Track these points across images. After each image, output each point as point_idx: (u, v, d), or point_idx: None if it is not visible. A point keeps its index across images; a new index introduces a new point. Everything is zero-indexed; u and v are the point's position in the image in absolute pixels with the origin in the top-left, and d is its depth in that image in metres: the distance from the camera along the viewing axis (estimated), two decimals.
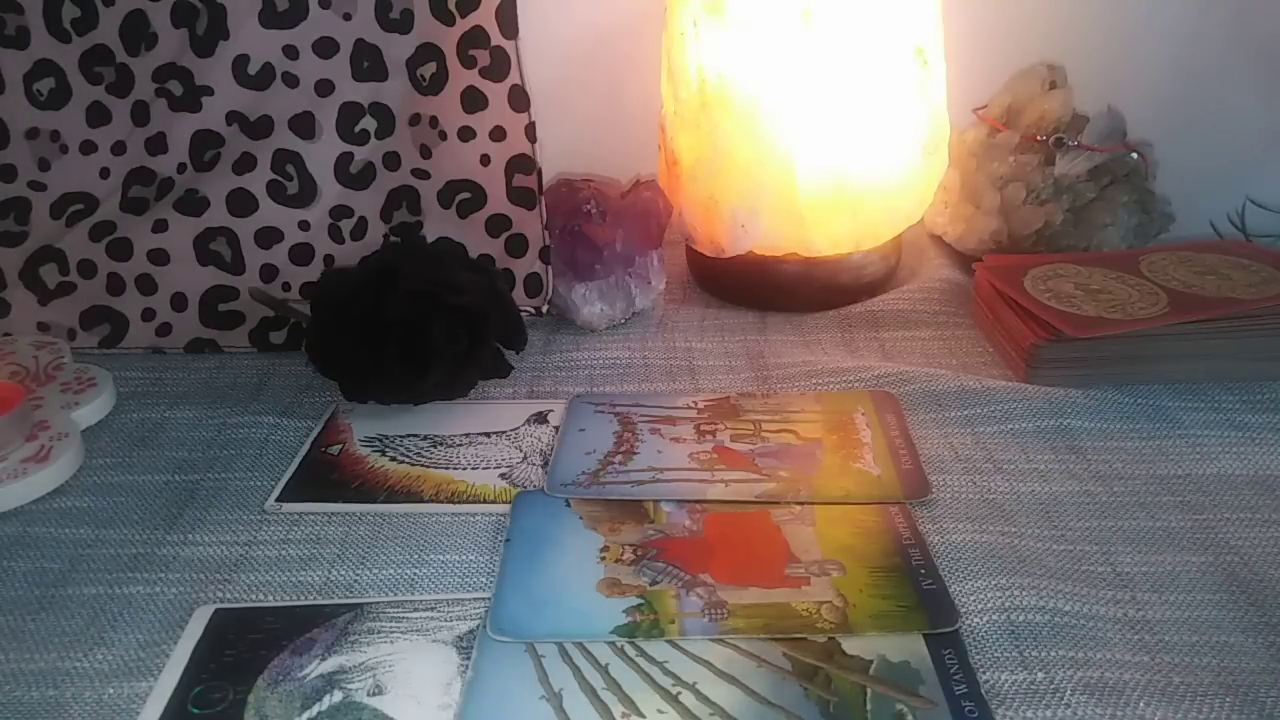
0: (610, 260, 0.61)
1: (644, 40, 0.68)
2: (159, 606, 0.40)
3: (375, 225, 0.61)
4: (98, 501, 0.47)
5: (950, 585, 0.40)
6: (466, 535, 0.44)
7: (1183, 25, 0.72)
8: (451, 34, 0.57)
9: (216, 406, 0.54)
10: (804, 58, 0.55)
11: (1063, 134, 0.65)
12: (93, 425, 0.52)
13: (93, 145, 0.58)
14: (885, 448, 0.49)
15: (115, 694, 0.36)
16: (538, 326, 0.62)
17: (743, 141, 0.58)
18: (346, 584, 0.41)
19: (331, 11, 0.57)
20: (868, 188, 0.59)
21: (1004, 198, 0.66)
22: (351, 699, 0.35)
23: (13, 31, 0.56)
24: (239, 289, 0.60)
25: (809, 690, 0.35)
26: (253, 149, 0.59)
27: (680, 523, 0.44)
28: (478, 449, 0.50)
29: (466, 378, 0.53)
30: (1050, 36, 0.71)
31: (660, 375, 0.57)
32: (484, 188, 0.60)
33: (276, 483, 0.47)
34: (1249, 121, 0.74)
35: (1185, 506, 0.45)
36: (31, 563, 0.43)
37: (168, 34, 0.57)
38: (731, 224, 0.60)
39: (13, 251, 0.59)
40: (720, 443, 0.50)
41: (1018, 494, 0.46)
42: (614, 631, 0.37)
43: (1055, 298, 0.56)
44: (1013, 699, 0.35)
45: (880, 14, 0.55)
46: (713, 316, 0.64)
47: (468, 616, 0.39)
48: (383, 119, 0.59)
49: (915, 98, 0.58)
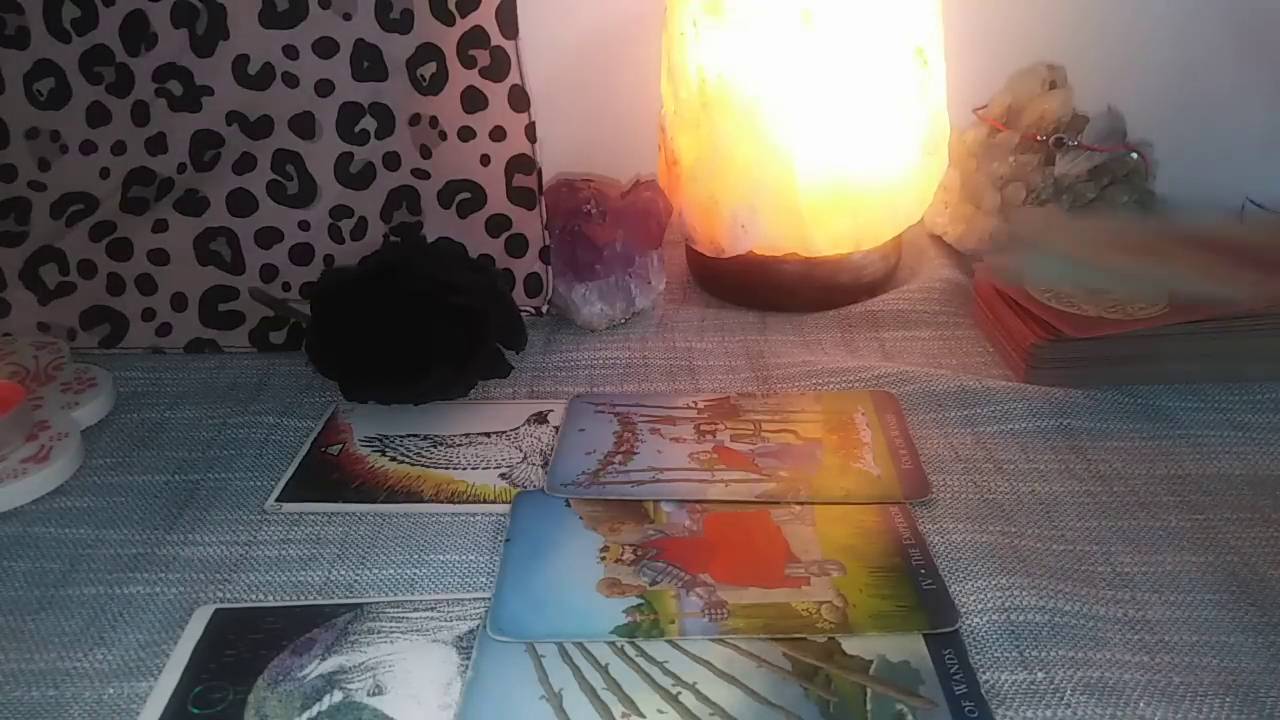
0: (610, 260, 0.61)
1: (644, 40, 0.68)
2: (159, 606, 0.40)
3: (375, 225, 0.61)
4: (98, 501, 0.47)
5: (950, 585, 0.40)
6: (466, 535, 0.44)
7: (1182, 25, 0.72)
8: (451, 34, 0.57)
9: (216, 406, 0.54)
10: (804, 58, 0.55)
11: (1063, 134, 0.65)
12: (93, 425, 0.52)
13: (93, 145, 0.58)
14: (885, 448, 0.49)
15: (115, 694, 0.36)
16: (538, 326, 0.62)
17: (743, 141, 0.58)
18: (346, 584, 0.41)
19: (331, 11, 0.57)
20: (868, 187, 0.59)
21: (1004, 198, 0.66)
22: (351, 699, 0.35)
23: (13, 31, 0.56)
24: (239, 289, 0.60)
25: (809, 690, 0.35)
26: (253, 149, 0.59)
27: (680, 523, 0.44)
28: (478, 449, 0.50)
29: (466, 378, 0.53)
30: (1050, 36, 0.71)
31: (660, 375, 0.57)
32: (484, 188, 0.60)
33: (276, 483, 0.47)
34: (1249, 122, 0.74)
35: (1185, 506, 0.45)
36: (31, 563, 0.43)
37: (168, 34, 0.57)
38: (731, 224, 0.60)
39: (13, 251, 0.59)
40: (720, 443, 0.50)
41: (1018, 494, 0.46)
42: (614, 631, 0.37)
43: (1055, 298, 0.56)
44: (1013, 699, 0.35)
45: (880, 14, 0.55)
46: (713, 316, 0.64)
47: (468, 616, 0.39)
48: (383, 119, 0.59)
49: (915, 98, 0.58)
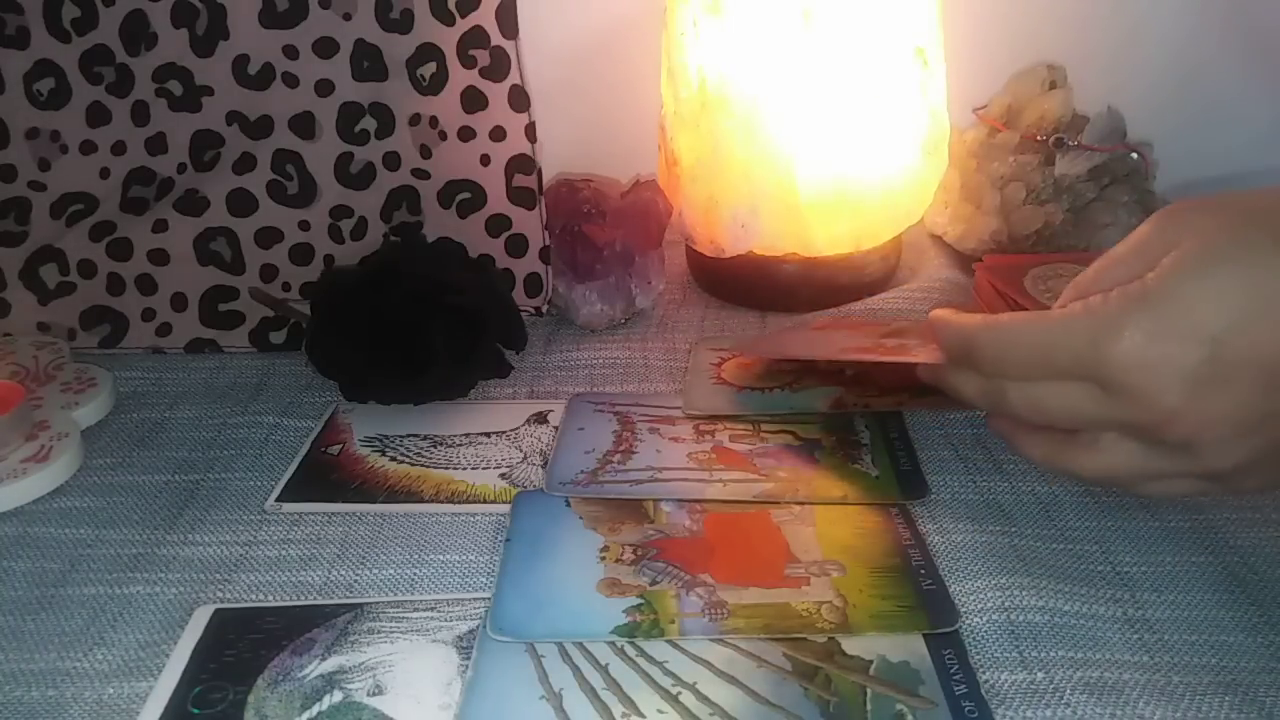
0: (610, 260, 0.61)
1: (644, 40, 0.67)
2: (159, 606, 0.40)
3: (375, 225, 0.61)
4: (98, 501, 0.47)
5: (950, 585, 0.40)
6: (466, 535, 0.44)
7: (1183, 25, 0.72)
8: (451, 34, 0.57)
9: (216, 406, 0.54)
10: (804, 58, 0.55)
11: (1063, 134, 0.65)
12: (93, 425, 0.52)
13: (93, 145, 0.58)
14: (884, 448, 0.49)
15: (115, 694, 0.36)
16: (538, 326, 0.62)
17: (743, 141, 0.58)
18: (346, 584, 0.41)
19: (331, 11, 0.57)
20: (868, 188, 0.59)
21: (1004, 198, 0.66)
22: (351, 699, 0.35)
23: (13, 31, 0.56)
24: (239, 289, 0.60)
25: (809, 690, 0.35)
26: (253, 149, 0.59)
27: (680, 523, 0.44)
28: (478, 449, 0.50)
29: (466, 378, 0.53)
30: (1050, 36, 0.71)
31: (660, 375, 0.57)
32: (484, 188, 0.60)
33: (276, 483, 0.47)
34: (1249, 122, 0.74)
35: (1186, 506, 0.45)
36: (31, 563, 0.43)
37: (168, 34, 0.57)
38: (731, 224, 0.60)
39: (13, 251, 0.59)
40: (719, 443, 0.50)
41: (1018, 494, 0.46)
42: (614, 631, 0.37)
43: (1055, 298, 0.55)
44: (1013, 699, 0.35)
45: (880, 14, 0.55)
46: (713, 316, 0.64)
47: (468, 616, 0.39)
48: (383, 119, 0.59)
49: (915, 98, 0.58)
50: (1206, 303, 0.32)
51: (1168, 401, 0.33)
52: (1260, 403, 0.32)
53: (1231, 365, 0.32)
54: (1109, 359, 0.33)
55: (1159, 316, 0.32)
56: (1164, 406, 0.33)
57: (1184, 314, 0.32)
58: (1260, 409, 0.33)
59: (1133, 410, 0.34)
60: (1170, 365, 0.32)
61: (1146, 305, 0.33)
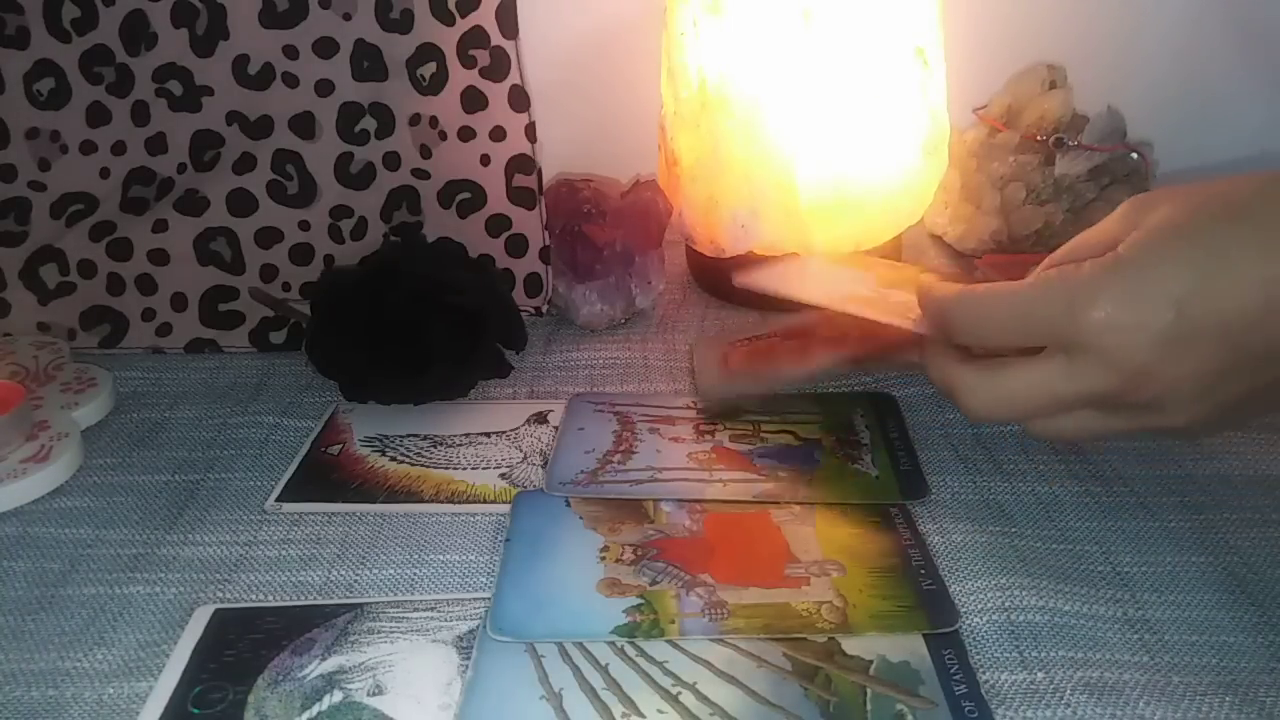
0: (610, 260, 0.61)
1: (644, 40, 0.67)
2: (159, 606, 0.40)
3: (375, 225, 0.61)
4: (98, 501, 0.47)
5: (950, 585, 0.40)
6: (466, 535, 0.44)
7: (1183, 25, 0.72)
8: (451, 34, 0.57)
9: (216, 406, 0.54)
10: (804, 58, 0.55)
11: (1063, 134, 0.65)
12: (93, 425, 0.52)
13: (93, 145, 0.58)
14: (884, 448, 0.49)
15: (115, 694, 0.36)
16: (538, 326, 0.62)
17: (743, 141, 0.58)
18: (346, 584, 0.41)
19: (331, 11, 0.57)
20: (868, 188, 0.59)
21: (1004, 198, 0.66)
22: (351, 699, 0.35)
23: (13, 31, 0.56)
24: (239, 289, 0.60)
25: (809, 690, 0.35)
26: (253, 149, 0.59)
27: (680, 523, 0.44)
28: (478, 449, 0.50)
29: (466, 378, 0.53)
30: (1050, 36, 0.71)
31: (660, 375, 0.57)
32: (484, 188, 0.60)
33: (276, 483, 0.47)
34: (1249, 122, 0.74)
35: (1185, 506, 0.45)
36: (31, 563, 0.43)
37: (168, 34, 0.57)
38: (731, 224, 0.60)
39: (13, 251, 0.59)
40: (719, 443, 0.50)
41: (1018, 494, 0.46)
42: (614, 631, 0.37)
43: None
44: (1013, 699, 0.35)
45: (880, 14, 0.55)
46: (713, 316, 0.64)
47: (468, 616, 0.39)
48: (383, 119, 0.59)
49: (915, 98, 0.58)
50: (1171, 268, 0.35)
51: (1139, 360, 0.35)
52: (1220, 359, 0.35)
53: (1195, 324, 0.34)
54: (1086, 323, 0.35)
55: (1130, 282, 0.35)
56: (1135, 366, 0.35)
57: (1153, 280, 0.35)
58: (1219, 366, 0.35)
59: (1103, 377, 0.36)
60: (1143, 326, 0.35)
61: (1119, 273, 0.35)
